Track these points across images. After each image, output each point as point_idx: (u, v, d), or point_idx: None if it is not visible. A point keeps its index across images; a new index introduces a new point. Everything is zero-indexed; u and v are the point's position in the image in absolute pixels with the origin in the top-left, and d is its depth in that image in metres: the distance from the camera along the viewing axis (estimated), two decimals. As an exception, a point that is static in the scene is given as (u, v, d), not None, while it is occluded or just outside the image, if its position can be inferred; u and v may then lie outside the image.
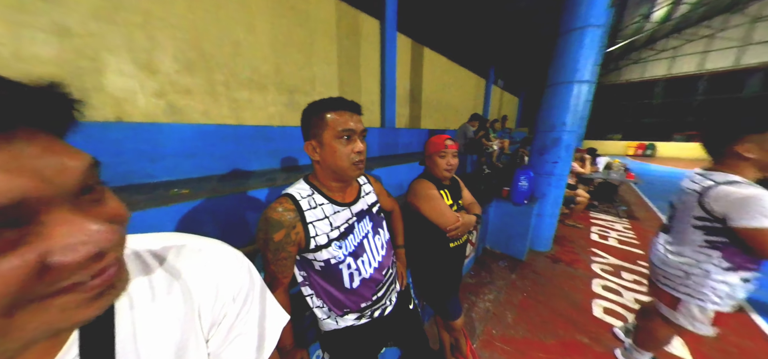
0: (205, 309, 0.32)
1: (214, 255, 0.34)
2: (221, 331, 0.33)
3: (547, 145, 2.59)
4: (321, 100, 0.64)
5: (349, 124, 0.63)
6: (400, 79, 4.49)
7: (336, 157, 0.63)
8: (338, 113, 0.63)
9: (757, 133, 0.83)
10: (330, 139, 0.63)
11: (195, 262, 0.33)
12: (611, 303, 1.93)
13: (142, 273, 0.29)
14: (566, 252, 2.73)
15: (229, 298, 0.34)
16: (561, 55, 2.36)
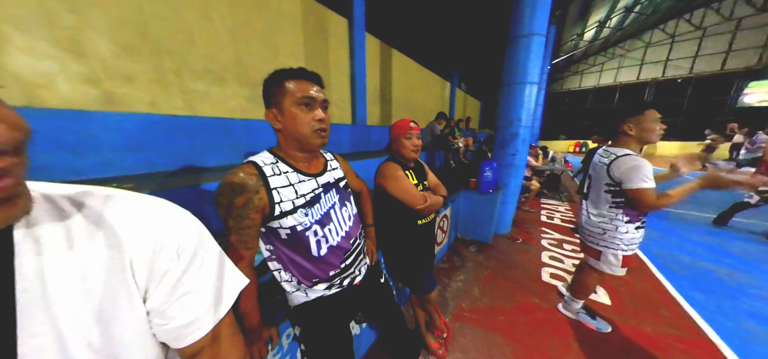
0: (139, 262, 0.29)
1: (153, 207, 0.33)
2: (164, 287, 0.31)
3: (507, 140, 2.90)
4: (281, 69, 0.65)
5: (310, 92, 0.63)
6: (370, 79, 4.56)
7: (296, 123, 0.64)
8: (298, 81, 0.64)
9: (633, 116, 1.20)
10: (290, 106, 0.63)
11: (127, 212, 0.30)
12: (556, 269, 2.25)
13: (56, 218, 0.26)
14: (522, 232, 3.08)
15: (173, 253, 0.32)
16: (512, 59, 2.69)
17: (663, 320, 1.63)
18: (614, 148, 1.27)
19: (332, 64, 3.75)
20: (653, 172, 1.14)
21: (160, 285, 0.31)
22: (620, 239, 1.29)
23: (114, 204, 0.30)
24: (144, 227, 0.30)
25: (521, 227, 3.25)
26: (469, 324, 1.62)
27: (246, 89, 2.68)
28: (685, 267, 2.25)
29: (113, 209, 0.30)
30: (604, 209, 1.31)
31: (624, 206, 1.24)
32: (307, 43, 3.37)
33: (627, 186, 1.16)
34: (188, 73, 2.23)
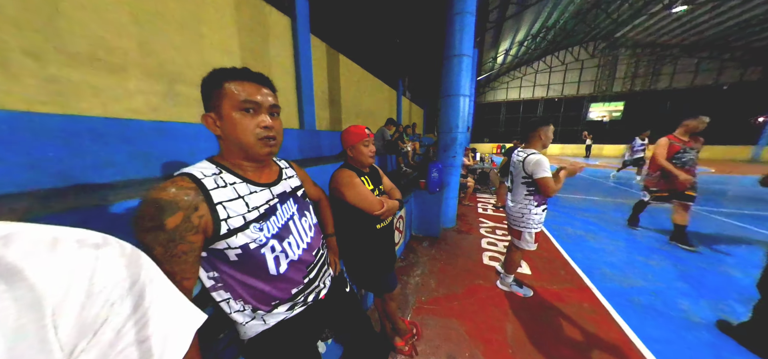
0: (65, 314, 0.23)
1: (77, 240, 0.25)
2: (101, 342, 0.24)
3: (448, 144, 3.31)
4: (222, 69, 0.56)
5: (255, 96, 0.56)
6: (317, 82, 4.38)
7: (237, 130, 0.56)
8: (241, 83, 0.56)
9: (542, 127, 1.62)
10: (229, 111, 0.55)
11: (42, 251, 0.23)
12: (493, 252, 2.68)
13: None
14: (464, 224, 3.53)
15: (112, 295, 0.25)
16: (449, 75, 3.12)
17: (562, 278, 2.16)
18: (526, 149, 1.66)
19: (275, 65, 3.43)
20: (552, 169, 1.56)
21: (96, 339, 0.24)
22: (532, 220, 1.68)
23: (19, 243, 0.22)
24: (70, 267, 0.23)
25: (463, 220, 3.73)
26: (430, 315, 1.74)
27: (159, 84, 2.15)
28: (569, 236, 3.05)
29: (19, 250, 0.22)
30: (521, 197, 1.70)
31: (534, 193, 1.64)
32: (243, 39, 2.97)
33: (535, 176, 1.56)
34: (56, 56, 1.62)
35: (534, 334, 1.56)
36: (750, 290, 1.73)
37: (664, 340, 1.48)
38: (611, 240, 2.91)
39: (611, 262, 2.40)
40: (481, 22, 10.18)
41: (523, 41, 14.22)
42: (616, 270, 2.27)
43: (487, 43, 13.54)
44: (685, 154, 2.43)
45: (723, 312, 1.72)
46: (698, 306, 1.77)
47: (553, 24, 12.87)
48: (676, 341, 1.48)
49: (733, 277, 2.13)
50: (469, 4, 2.90)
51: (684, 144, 2.44)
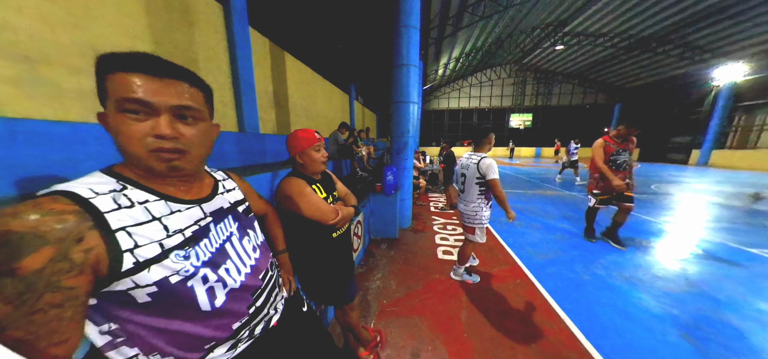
0: None
1: None
2: None
3: (400, 147, 3.46)
4: (105, 54, 0.42)
5: (143, 94, 0.41)
6: (260, 81, 3.94)
7: (120, 138, 0.42)
8: (124, 75, 0.40)
9: (490, 134, 1.87)
10: (112, 111, 0.41)
11: None
12: (445, 246, 2.91)
13: None
14: (419, 223, 3.74)
15: None
16: (399, 83, 3.30)
17: (500, 262, 2.52)
18: (477, 153, 1.87)
19: (203, 59, 2.90)
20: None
21: None
22: (483, 216, 1.91)
23: None
24: None
25: (418, 219, 3.95)
26: (393, 317, 1.75)
27: (12, 67, 1.51)
28: (502, 223, 3.61)
29: None
30: (474, 197, 1.89)
31: (485, 193, 1.87)
32: (155, 22, 2.41)
33: (488, 177, 1.78)
34: None
35: (483, 314, 1.75)
36: (613, 250, 2.40)
37: (564, 295, 1.91)
38: (531, 225, 3.58)
39: (532, 243, 2.96)
40: (424, 37, 11.17)
41: (459, 57, 16.32)
42: (536, 248, 2.80)
43: (430, 56, 14.94)
44: (619, 155, 2.47)
45: (595, 272, 2.32)
46: (586, 269, 2.36)
47: (480, 46, 15.25)
48: (570, 294, 1.93)
49: (605, 246, 2.92)
50: (414, 20, 3.14)
51: (618, 146, 2.48)
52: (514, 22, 12.74)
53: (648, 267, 2.36)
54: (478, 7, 10.20)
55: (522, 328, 1.63)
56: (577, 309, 1.79)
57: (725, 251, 2.71)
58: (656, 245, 2.88)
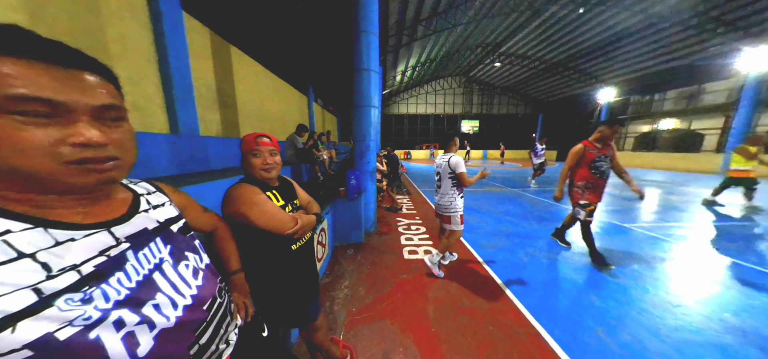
0: None
1: None
2: None
3: (363, 151, 3.46)
4: None
5: (52, 92, 0.32)
6: (199, 75, 3.41)
7: (5, 148, 0.31)
8: (13, 61, 0.31)
9: (454, 137, 2.20)
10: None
11: None
12: (411, 246, 3.02)
13: None
14: (384, 226, 3.79)
15: None
16: (360, 87, 3.31)
17: (460, 255, 2.75)
18: (447, 153, 2.19)
19: (115, 42, 2.34)
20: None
21: None
22: (457, 205, 2.18)
23: None
24: None
25: (383, 222, 4.00)
26: (363, 324, 1.71)
27: None
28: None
29: None
30: (448, 189, 2.17)
31: (457, 186, 2.16)
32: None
33: (457, 171, 2.09)
34: None
35: (448, 306, 1.88)
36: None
37: (511, 277, 2.22)
38: (483, 220, 4.03)
39: (485, 235, 3.33)
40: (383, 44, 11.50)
41: (415, 66, 17.38)
42: (488, 240, 3.16)
43: (389, 62, 15.45)
44: (602, 162, 2.22)
45: (533, 255, 2.77)
46: (526, 254, 2.78)
47: (433, 57, 16.58)
48: (515, 275, 2.26)
49: (544, 237, 3.49)
50: (372, 26, 3.20)
51: (599, 151, 2.22)
52: (461, 39, 14.29)
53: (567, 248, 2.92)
54: (430, 22, 11.07)
55: (480, 313, 1.80)
56: (522, 289, 2.08)
57: (613, 228, 3.57)
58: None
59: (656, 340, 1.53)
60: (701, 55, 10.86)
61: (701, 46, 10.44)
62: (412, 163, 16.32)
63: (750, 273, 2.31)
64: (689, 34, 9.97)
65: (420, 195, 6.04)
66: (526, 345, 1.51)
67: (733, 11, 8.70)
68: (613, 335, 1.58)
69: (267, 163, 0.93)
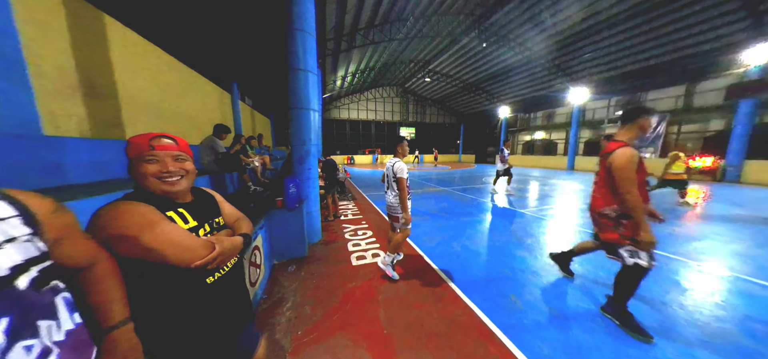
0: None
1: None
2: None
3: (303, 156, 3.19)
4: None
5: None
6: (41, 49, 2.36)
7: None
8: None
9: (400, 143, 2.26)
10: None
11: None
12: (359, 252, 2.97)
13: None
14: (330, 234, 3.61)
15: None
16: (297, 88, 3.09)
17: (406, 254, 2.90)
18: (394, 158, 2.26)
19: None
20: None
21: None
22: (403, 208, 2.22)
23: None
24: None
25: (328, 230, 3.80)
26: (311, 346, 1.55)
27: None
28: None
29: None
30: (395, 193, 2.22)
31: (403, 190, 2.17)
32: None
33: (396, 176, 2.15)
34: None
35: (397, 305, 1.93)
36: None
37: (448, 266, 2.52)
38: (423, 217, 4.42)
39: (425, 232, 3.65)
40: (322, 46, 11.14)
41: (355, 72, 17.64)
42: (428, 235, 3.48)
43: (328, 66, 15.07)
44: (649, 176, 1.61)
45: (464, 244, 3.24)
46: (458, 245, 3.21)
47: (372, 66, 17.29)
48: (451, 264, 2.57)
49: (470, 226, 4.10)
50: (308, 26, 3.05)
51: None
52: (396, 53, 15.50)
53: (485, 232, 3.56)
54: (368, 32, 11.52)
55: (427, 305, 1.94)
56: (457, 275, 2.38)
57: (512, 213, 4.60)
58: (485, 215, 4.43)
59: (545, 291, 2.06)
60: (552, 88, 15.62)
61: (551, 82, 15.03)
62: (356, 168, 16.33)
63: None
64: (544, 73, 14.22)
65: (365, 200, 6.09)
66: (465, 325, 1.73)
67: (565, 61, 13.00)
68: (521, 297, 2.02)
69: (168, 170, 0.71)
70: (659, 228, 2.47)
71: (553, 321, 1.74)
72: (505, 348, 1.52)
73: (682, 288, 2.14)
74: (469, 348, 1.52)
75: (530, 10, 10.31)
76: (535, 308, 1.89)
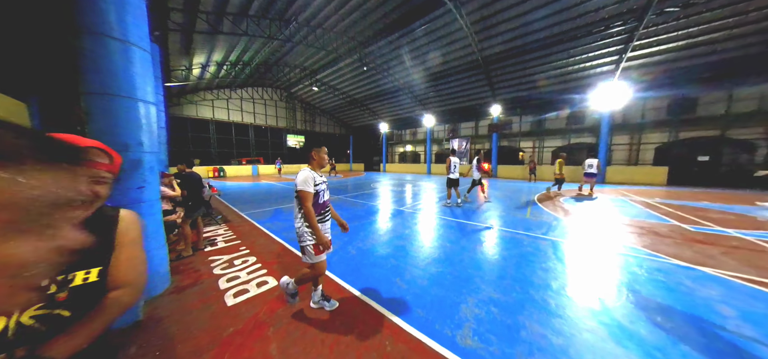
0: None
1: None
2: None
3: (125, 169, 2.08)
4: None
5: None
6: None
7: None
8: None
9: (315, 149, 1.77)
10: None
11: None
12: (237, 286, 2.37)
13: None
14: (189, 275, 2.61)
15: None
16: (104, 65, 2.02)
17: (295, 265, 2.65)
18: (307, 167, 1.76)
19: None
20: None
21: None
22: (307, 233, 1.70)
23: None
24: None
25: (185, 270, 2.73)
26: None
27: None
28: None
29: None
30: (298, 213, 1.72)
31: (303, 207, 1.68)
32: None
33: (297, 189, 1.65)
34: None
35: (293, 330, 1.73)
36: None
37: (345, 272, 2.62)
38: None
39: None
40: (159, 14, 7.97)
41: (223, 63, 14.08)
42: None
43: (178, 45, 11.06)
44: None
45: (358, 247, 3.49)
46: (354, 248, 3.40)
47: (248, 61, 14.56)
48: (348, 268, 2.70)
49: (369, 228, 4.41)
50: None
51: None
52: (280, 53, 14.09)
53: (374, 232, 4.04)
54: (240, 20, 9.64)
55: (322, 313, 1.89)
56: (354, 277, 2.52)
57: (400, 212, 5.56)
58: (374, 217, 5.05)
59: (417, 268, 2.66)
60: (414, 113, 20.64)
61: (413, 108, 19.86)
62: (228, 182, 12.92)
63: (454, 224, 4.82)
64: (408, 101, 18.56)
65: (245, 221, 4.98)
66: (360, 316, 1.85)
67: (421, 95, 17.70)
68: (403, 279, 2.48)
69: None
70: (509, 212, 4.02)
71: (429, 289, 2.28)
72: (396, 325, 1.80)
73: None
74: (368, 336, 1.66)
75: (396, 52, 13.08)
76: (414, 283, 2.39)
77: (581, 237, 3.73)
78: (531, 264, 2.80)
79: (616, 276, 2.53)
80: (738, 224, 4.35)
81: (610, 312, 1.93)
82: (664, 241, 3.50)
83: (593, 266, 2.75)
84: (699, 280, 2.41)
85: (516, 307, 1.99)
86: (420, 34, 11.36)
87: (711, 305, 2.02)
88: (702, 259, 2.88)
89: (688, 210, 5.44)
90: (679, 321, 1.83)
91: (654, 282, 2.38)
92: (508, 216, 5.03)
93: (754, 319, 1.83)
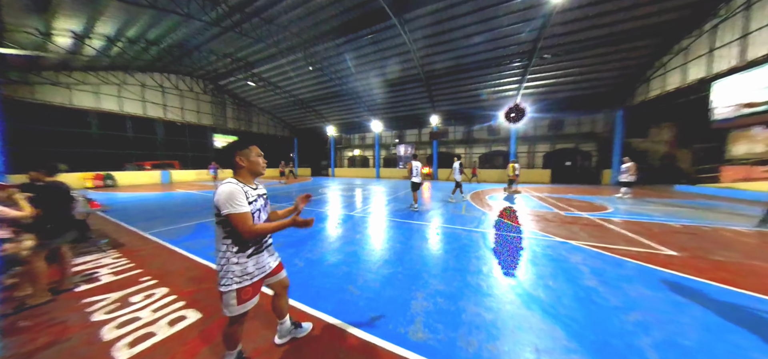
0: None
1: None
2: None
3: None
4: None
5: None
6: None
7: None
8: None
9: (240, 150, 1.27)
10: None
11: None
12: (135, 331, 1.79)
13: None
14: (42, 331, 1.80)
15: None
16: None
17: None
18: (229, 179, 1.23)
19: None
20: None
21: None
22: (232, 271, 1.20)
23: None
24: None
25: (39, 324, 1.87)
26: None
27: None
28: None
29: None
30: (219, 243, 1.21)
31: (232, 236, 1.19)
32: None
33: (223, 212, 1.13)
34: None
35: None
36: (311, 236, 3.50)
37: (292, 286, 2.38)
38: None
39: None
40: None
41: (115, 38, 10.71)
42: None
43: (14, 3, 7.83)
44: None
45: (307, 258, 3.23)
46: (301, 259, 3.12)
47: (155, 40, 11.56)
48: (295, 280, 2.47)
49: (323, 234, 4.09)
50: None
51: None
52: (202, 38, 11.77)
53: (323, 240, 3.84)
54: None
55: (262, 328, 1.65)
56: (303, 293, 2.30)
57: (350, 217, 5.45)
58: (323, 224, 4.81)
59: (370, 272, 2.66)
60: (362, 117, 20.88)
61: (361, 113, 20.07)
62: (121, 194, 9.83)
63: (403, 225, 4.99)
64: (358, 106, 18.67)
65: (150, 242, 3.88)
66: (312, 334, 1.70)
67: (368, 101, 18.09)
68: (356, 285, 2.42)
69: None
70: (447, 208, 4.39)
71: (382, 291, 2.29)
72: (351, 334, 1.73)
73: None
74: (320, 354, 1.53)
75: (343, 56, 12.99)
76: (367, 288, 2.37)
77: (501, 227, 4.58)
78: (467, 254, 3.23)
79: (525, 255, 3.21)
80: (588, 208, 6.28)
81: (521, 284, 2.42)
82: (550, 225, 4.69)
83: (510, 249, 3.40)
84: (570, 250, 3.34)
85: (457, 294, 2.23)
86: (366, 42, 11.67)
87: (577, 267, 2.81)
88: (570, 235, 3.99)
89: (563, 201, 7.48)
90: (561, 281, 2.47)
91: (545, 256, 3.15)
92: (448, 214, 5.68)
93: (597, 272, 2.66)
